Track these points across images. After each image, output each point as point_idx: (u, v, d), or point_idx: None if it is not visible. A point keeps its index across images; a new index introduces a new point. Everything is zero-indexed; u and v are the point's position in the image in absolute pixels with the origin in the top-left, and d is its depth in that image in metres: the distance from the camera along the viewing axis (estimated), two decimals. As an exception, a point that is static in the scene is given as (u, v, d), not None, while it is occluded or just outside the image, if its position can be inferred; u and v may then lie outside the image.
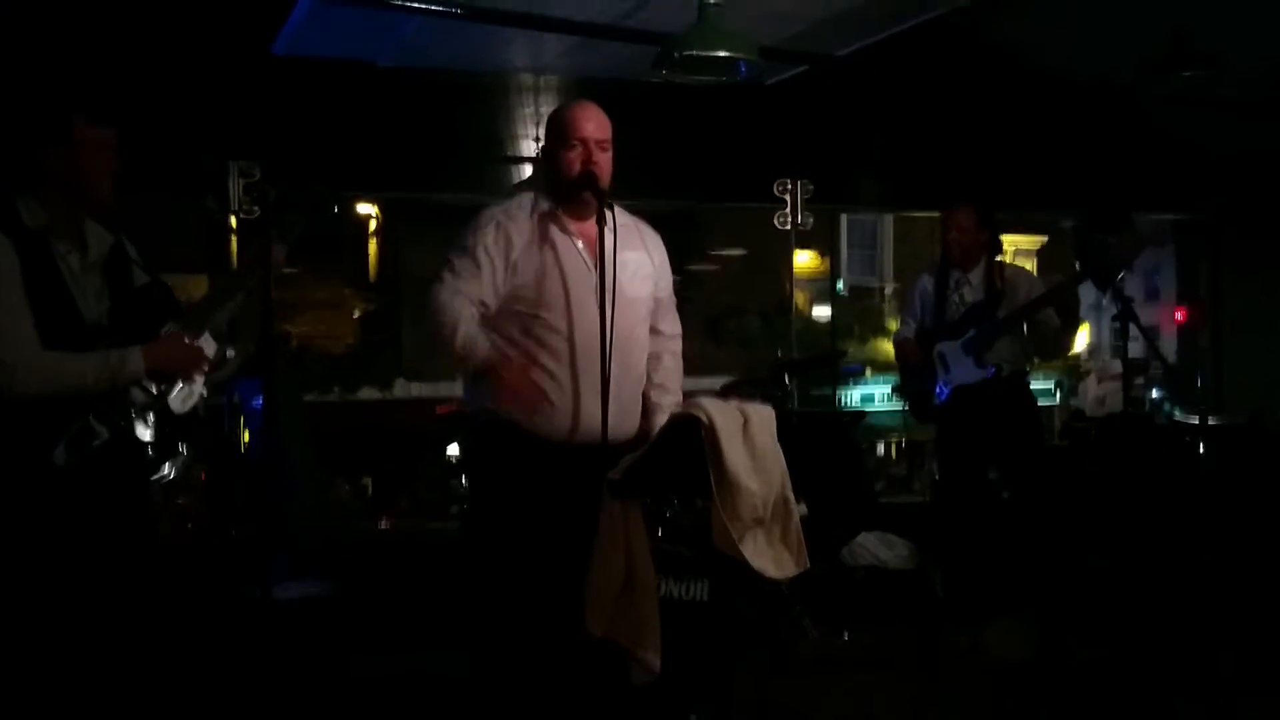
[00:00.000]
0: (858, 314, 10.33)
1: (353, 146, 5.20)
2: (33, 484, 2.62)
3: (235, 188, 4.65)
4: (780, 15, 4.41)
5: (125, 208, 2.90)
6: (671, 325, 3.16)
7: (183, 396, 2.82)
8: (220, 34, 4.71)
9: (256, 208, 4.68)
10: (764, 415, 2.69)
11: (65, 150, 2.70)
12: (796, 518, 2.68)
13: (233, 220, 4.72)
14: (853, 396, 8.32)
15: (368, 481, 7.42)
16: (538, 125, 5.55)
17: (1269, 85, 5.49)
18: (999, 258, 4.73)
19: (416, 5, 4.09)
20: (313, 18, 4.51)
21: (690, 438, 2.63)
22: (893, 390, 5.03)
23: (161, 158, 4.49)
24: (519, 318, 2.85)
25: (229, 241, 4.81)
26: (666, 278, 3.11)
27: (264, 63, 4.95)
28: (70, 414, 2.64)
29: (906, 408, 4.85)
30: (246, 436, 4.84)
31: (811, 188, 5.54)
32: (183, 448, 2.82)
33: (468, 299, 2.81)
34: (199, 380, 2.85)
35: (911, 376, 4.70)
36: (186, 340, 2.85)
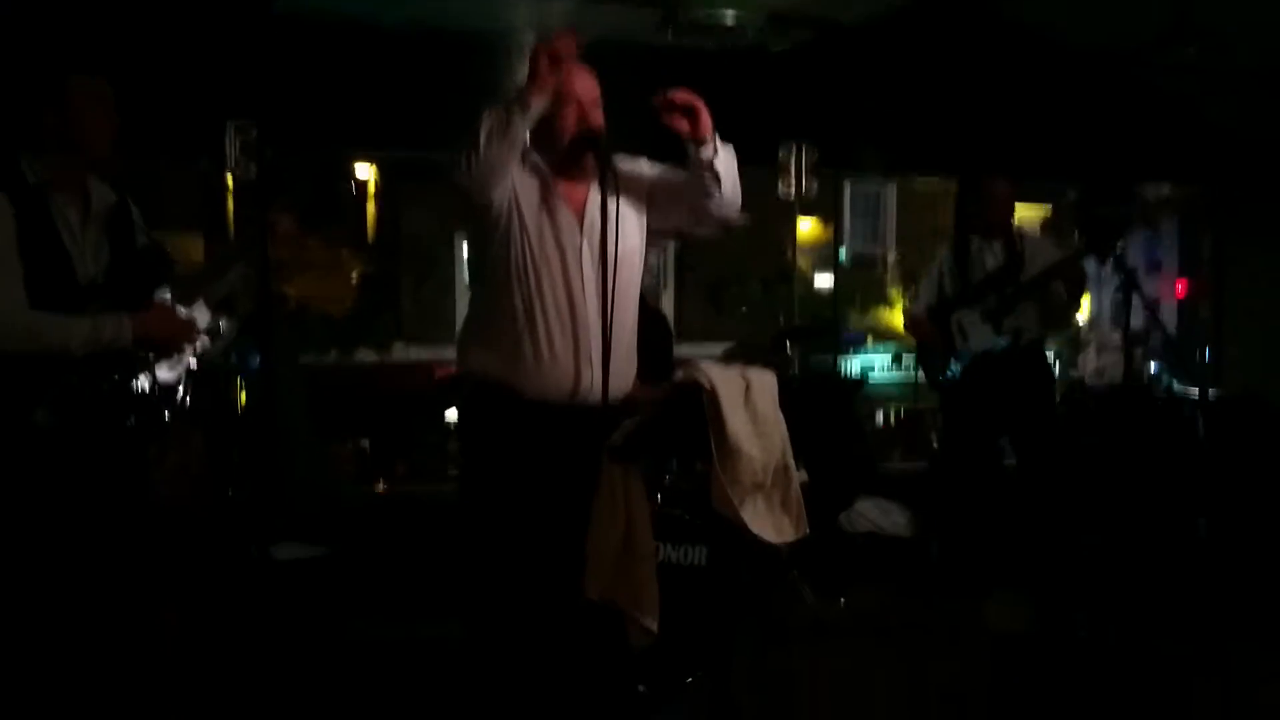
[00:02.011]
0: (860, 282, 10.25)
1: (351, 106, 5.14)
2: (12, 445, 2.60)
3: (231, 147, 4.60)
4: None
5: (123, 166, 2.87)
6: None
7: (170, 364, 2.81)
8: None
9: (253, 167, 4.64)
10: (766, 381, 2.67)
11: (61, 105, 2.70)
12: (796, 484, 2.67)
13: (229, 180, 4.68)
14: (854, 365, 8.29)
15: (365, 444, 7.41)
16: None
17: (1269, 58, 5.44)
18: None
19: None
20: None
21: (691, 403, 2.61)
22: (894, 359, 5.01)
23: (156, 116, 4.43)
24: (512, 280, 2.81)
25: (225, 201, 4.77)
26: (653, 171, 2.93)
27: (262, 20, 4.87)
28: (53, 374, 2.62)
29: (924, 379, 4.82)
30: (244, 398, 4.82)
31: (816, 154, 5.49)
32: (169, 413, 2.80)
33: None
34: (187, 350, 2.84)
35: (928, 350, 4.68)
36: (179, 311, 2.83)
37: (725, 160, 2.77)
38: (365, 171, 10.08)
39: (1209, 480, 4.66)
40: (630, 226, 2.90)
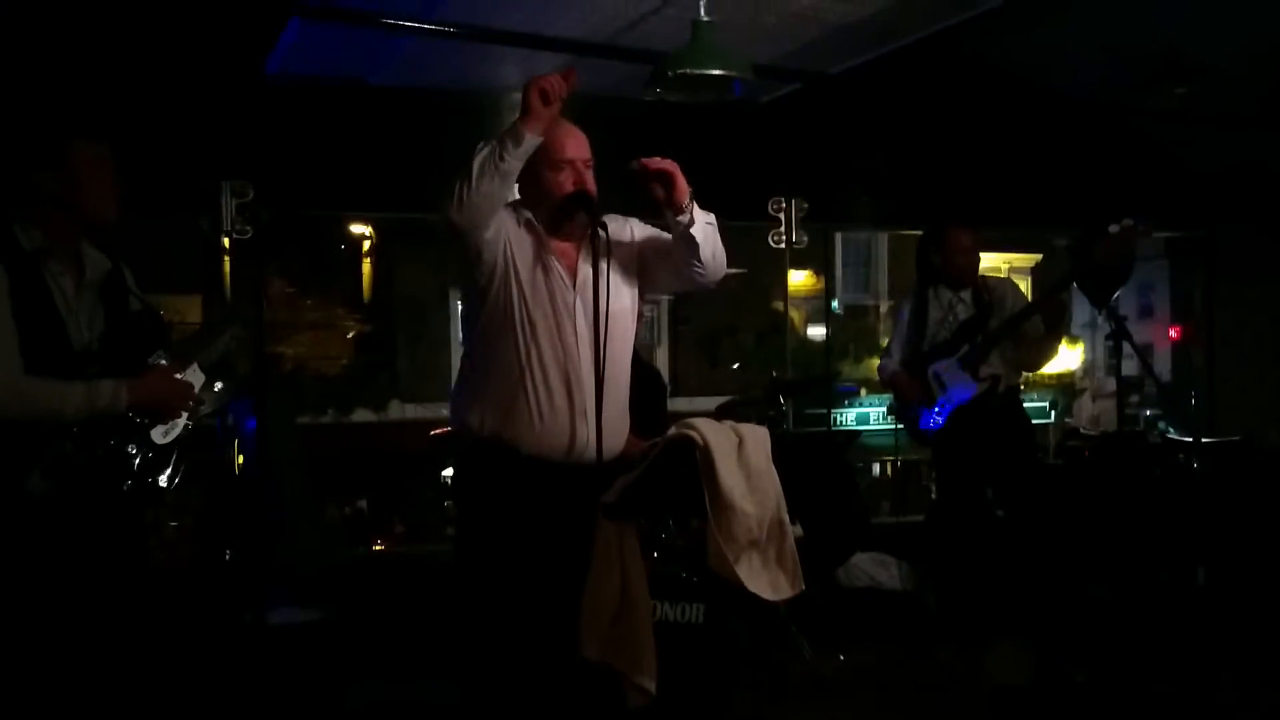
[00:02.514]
0: (853, 332, 10.34)
1: (346, 166, 5.19)
2: (5, 512, 2.58)
3: (228, 208, 4.64)
4: (773, 35, 4.42)
5: (119, 228, 2.88)
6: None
7: (165, 429, 2.80)
8: (212, 54, 4.70)
9: (249, 228, 4.67)
10: (758, 436, 2.68)
11: (61, 170, 2.70)
12: (791, 539, 2.66)
13: (226, 241, 4.72)
14: (848, 417, 8.30)
15: (363, 504, 7.40)
16: (531, 144, 5.52)
17: (1259, 100, 5.52)
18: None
19: (409, 24, 4.09)
20: (305, 37, 4.51)
21: (685, 459, 2.61)
22: (889, 411, 5.01)
23: (154, 178, 4.48)
24: (507, 337, 2.83)
25: (223, 262, 4.80)
26: (644, 232, 2.95)
27: (257, 82, 4.94)
28: (46, 440, 2.61)
29: (907, 433, 4.83)
30: (240, 459, 4.81)
31: (806, 206, 5.54)
32: (164, 479, 2.80)
33: None
34: (183, 415, 2.84)
35: (908, 405, 4.70)
36: (176, 375, 2.83)
37: (703, 227, 2.77)
38: (361, 230, 10.18)
39: (1206, 527, 4.65)
40: (622, 285, 2.92)
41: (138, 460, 2.74)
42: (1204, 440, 5.00)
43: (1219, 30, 5.00)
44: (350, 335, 10.87)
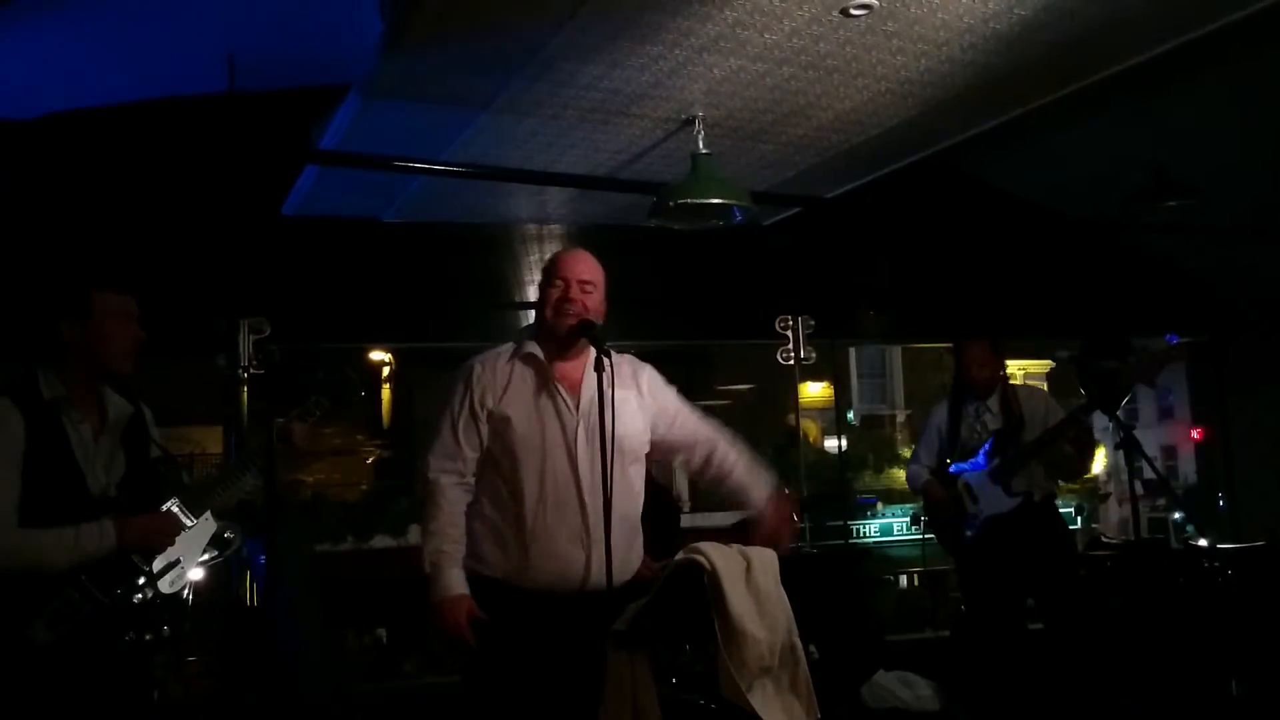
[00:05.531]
0: (871, 443, 10.32)
1: (362, 299, 5.32)
2: (9, 663, 2.58)
3: (245, 345, 4.73)
4: (771, 163, 4.55)
5: (144, 364, 2.95)
6: (710, 430, 3.11)
7: (172, 578, 2.82)
8: (231, 199, 4.87)
9: (267, 363, 4.75)
10: (766, 559, 2.67)
11: (84, 320, 2.76)
12: (804, 664, 2.63)
13: (244, 375, 4.80)
14: (870, 529, 8.21)
15: (382, 632, 7.30)
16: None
17: (1245, 211, 5.62)
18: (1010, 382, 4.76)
19: (421, 166, 4.23)
20: (320, 180, 4.67)
21: (693, 584, 2.60)
22: (912, 520, 4.96)
23: (175, 318, 4.59)
24: (504, 471, 2.87)
25: (241, 396, 4.88)
26: (665, 395, 3.07)
27: (273, 223, 5.10)
28: (51, 589, 2.63)
29: (936, 541, 4.77)
30: (252, 595, 4.80)
31: (813, 323, 5.61)
32: (168, 629, 2.80)
33: (459, 491, 2.92)
34: (194, 560, 2.86)
35: (939, 514, 4.66)
36: (186, 523, 2.87)
37: None
38: (381, 357, 10.31)
39: (1235, 636, 4.54)
40: (629, 409, 2.96)
41: (146, 607, 2.75)
42: (1228, 546, 4.91)
43: (1203, 146, 5.12)
44: (370, 461, 10.91)
